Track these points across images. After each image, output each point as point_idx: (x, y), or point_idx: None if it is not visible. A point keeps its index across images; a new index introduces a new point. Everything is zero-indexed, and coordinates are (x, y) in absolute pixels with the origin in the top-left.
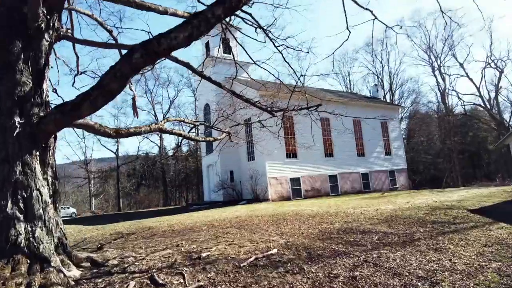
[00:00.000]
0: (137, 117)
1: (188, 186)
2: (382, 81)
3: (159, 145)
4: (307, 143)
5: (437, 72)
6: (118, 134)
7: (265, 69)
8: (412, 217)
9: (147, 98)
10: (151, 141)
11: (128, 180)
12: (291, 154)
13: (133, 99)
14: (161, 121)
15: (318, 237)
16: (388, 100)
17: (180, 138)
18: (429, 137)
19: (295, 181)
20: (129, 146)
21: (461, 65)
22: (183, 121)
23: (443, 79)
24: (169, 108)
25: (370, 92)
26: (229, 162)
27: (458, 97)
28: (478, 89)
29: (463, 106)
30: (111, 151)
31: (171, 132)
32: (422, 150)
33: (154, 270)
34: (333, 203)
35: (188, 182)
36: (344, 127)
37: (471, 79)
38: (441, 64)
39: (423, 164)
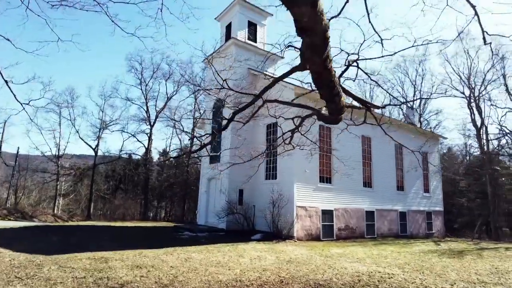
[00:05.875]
0: None
1: (172, 200)
2: (415, 107)
3: (146, 146)
4: (346, 165)
5: (473, 104)
6: None
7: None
8: None
9: (141, 89)
10: (138, 141)
11: (105, 182)
12: (326, 178)
13: None
14: None
15: None
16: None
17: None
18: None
19: (327, 215)
20: (112, 144)
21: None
22: None
23: (480, 113)
24: (165, 105)
25: (403, 116)
26: (239, 177)
27: (505, 134)
28: None
29: (511, 147)
30: (90, 146)
31: None
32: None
33: None
34: (403, 261)
35: (173, 194)
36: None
37: None
38: (480, 95)
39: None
